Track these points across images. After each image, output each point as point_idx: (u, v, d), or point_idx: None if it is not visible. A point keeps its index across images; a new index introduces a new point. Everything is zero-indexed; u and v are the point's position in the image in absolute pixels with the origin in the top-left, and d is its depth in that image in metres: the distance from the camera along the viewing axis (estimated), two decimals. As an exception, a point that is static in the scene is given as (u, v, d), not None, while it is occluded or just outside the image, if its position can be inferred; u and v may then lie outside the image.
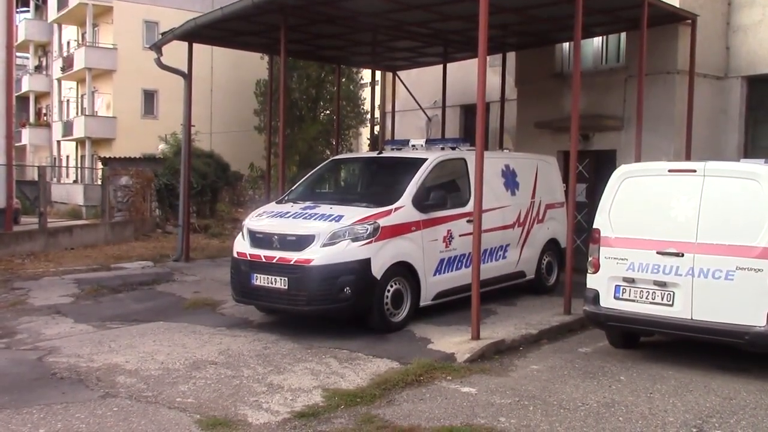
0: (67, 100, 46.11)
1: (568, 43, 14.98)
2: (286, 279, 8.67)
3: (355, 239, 8.67)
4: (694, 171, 7.62)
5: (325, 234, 8.67)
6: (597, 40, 14.89)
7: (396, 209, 9.10)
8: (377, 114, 20.58)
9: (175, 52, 15.08)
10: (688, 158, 12.59)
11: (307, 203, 9.63)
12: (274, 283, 8.79)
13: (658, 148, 12.79)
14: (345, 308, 8.70)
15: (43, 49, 51.27)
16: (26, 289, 12.09)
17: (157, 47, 14.68)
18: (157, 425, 5.83)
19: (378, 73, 19.65)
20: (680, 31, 13.15)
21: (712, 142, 13.88)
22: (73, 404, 6.32)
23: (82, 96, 42.92)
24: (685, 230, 7.42)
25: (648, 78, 12.34)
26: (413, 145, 10.81)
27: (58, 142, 46.44)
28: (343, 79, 27.29)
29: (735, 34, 14.07)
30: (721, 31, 14.05)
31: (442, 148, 10.61)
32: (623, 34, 14.31)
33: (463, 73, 17.13)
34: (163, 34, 15.09)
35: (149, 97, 39.24)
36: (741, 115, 14.03)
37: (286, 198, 10.41)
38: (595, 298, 7.96)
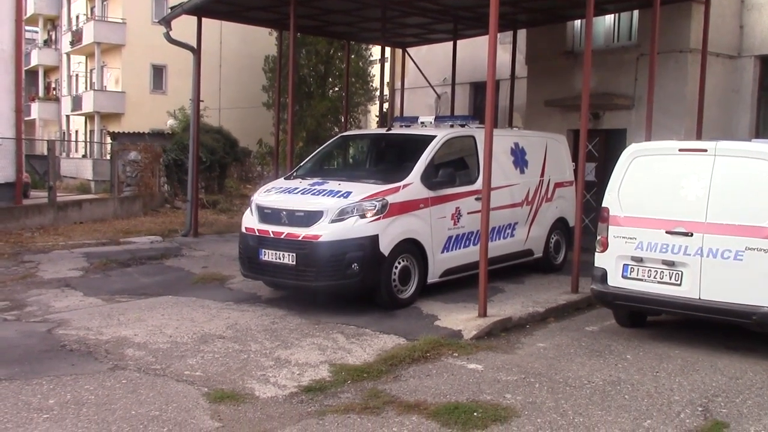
0: (76, 75, 46.09)
1: (579, 21, 14.85)
2: (294, 255, 8.68)
3: (363, 216, 8.66)
4: (705, 150, 7.55)
5: (334, 210, 8.67)
6: (609, 18, 14.76)
7: (404, 186, 9.09)
8: (386, 91, 20.49)
9: (185, 26, 15.02)
10: (699, 138, 12.51)
11: (316, 179, 9.61)
12: (282, 258, 8.80)
13: (669, 127, 12.72)
14: (352, 284, 8.71)
15: (52, 23, 51.17)
16: (36, 262, 12.16)
17: (166, 21, 14.63)
18: (166, 397, 5.88)
19: (387, 50, 19.53)
20: (693, 9, 13.01)
21: (724, 122, 13.79)
22: (82, 376, 6.38)
23: (91, 70, 42.90)
24: (694, 210, 7.38)
25: (660, 57, 12.24)
26: (422, 122, 10.76)
27: (68, 116, 46.53)
28: (353, 56, 27.11)
29: (749, 12, 13.92)
30: (735, 9, 13.90)
31: (452, 126, 10.56)
32: (635, 12, 14.18)
33: (472, 50, 17.03)
34: (172, 8, 15.03)
35: (158, 72, 39.18)
36: (753, 94, 13.92)
37: (294, 174, 10.40)
38: (603, 276, 7.95)
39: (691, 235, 7.35)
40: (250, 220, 9.41)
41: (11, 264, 12.06)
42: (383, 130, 11.67)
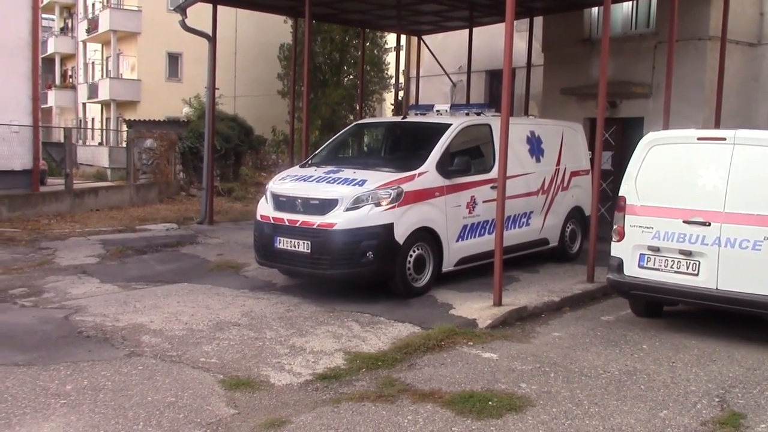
0: (92, 63, 46.29)
1: (596, 8, 14.73)
2: (309, 242, 8.69)
3: (378, 204, 8.65)
4: (724, 139, 7.46)
5: (349, 198, 8.66)
6: (627, 5, 14.61)
7: (420, 174, 9.06)
8: (401, 79, 20.42)
9: (200, 14, 15.03)
10: (717, 126, 12.39)
11: (331, 167, 9.60)
12: (297, 246, 8.81)
13: (687, 115, 12.60)
14: (367, 272, 8.71)
15: (68, 10, 51.37)
16: (53, 249, 12.25)
17: (181, 9, 14.61)
18: (182, 384, 5.91)
19: (403, 38, 19.45)
20: (713, -5, 12.87)
21: (743, 111, 13.65)
22: (99, 362, 6.42)
23: (107, 58, 43.04)
24: (712, 199, 7.31)
25: (678, 44, 12.10)
26: (438, 110, 10.71)
27: (84, 104, 46.74)
28: (368, 44, 27.06)
29: (770, -1, 13.75)
30: (756, -4, 13.73)
31: (467, 114, 10.50)
32: (654, -1, 14.04)
33: (488, 37, 16.94)
34: (187, -5, 15.00)
35: (173, 59, 39.27)
36: (773, 83, 13.77)
37: (309, 162, 10.40)
38: (619, 266, 7.89)
39: (709, 224, 7.28)
40: (265, 208, 9.42)
41: (29, 251, 12.16)
42: (398, 118, 11.64)
